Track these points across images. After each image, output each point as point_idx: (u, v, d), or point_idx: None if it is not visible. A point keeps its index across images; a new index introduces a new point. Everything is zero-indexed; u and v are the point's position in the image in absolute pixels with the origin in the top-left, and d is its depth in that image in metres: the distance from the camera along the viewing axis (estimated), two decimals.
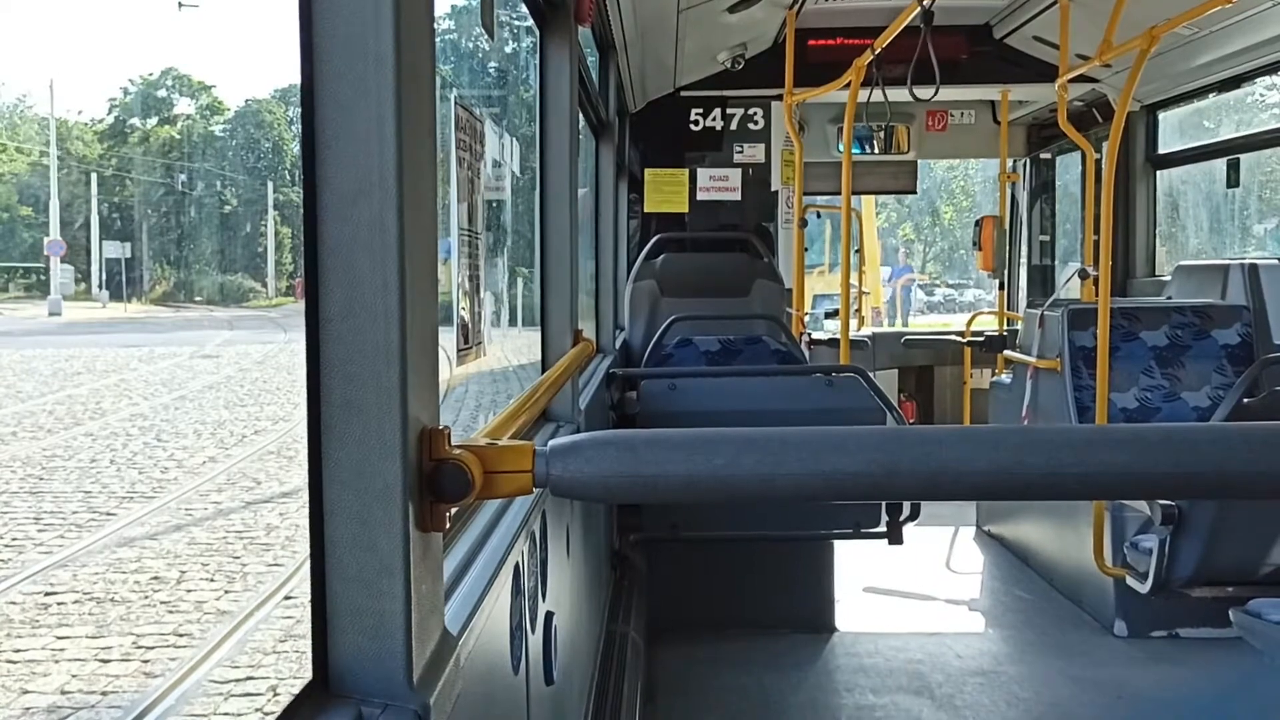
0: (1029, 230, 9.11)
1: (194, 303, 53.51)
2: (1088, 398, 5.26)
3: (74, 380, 20.65)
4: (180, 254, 57.81)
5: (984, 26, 7.14)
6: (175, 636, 6.81)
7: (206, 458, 12.80)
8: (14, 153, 55.80)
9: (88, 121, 59.30)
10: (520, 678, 1.91)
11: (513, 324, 13.96)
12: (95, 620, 7.11)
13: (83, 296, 50.83)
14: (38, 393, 18.80)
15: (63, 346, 27.92)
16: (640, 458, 1.18)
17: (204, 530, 9.42)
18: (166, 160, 57.31)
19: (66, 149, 55.47)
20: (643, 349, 6.03)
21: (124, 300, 50.55)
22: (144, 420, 15.68)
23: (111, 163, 57.14)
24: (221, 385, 20.13)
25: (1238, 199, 8.58)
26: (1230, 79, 6.17)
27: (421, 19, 1.17)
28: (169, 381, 20.56)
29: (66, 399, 17.89)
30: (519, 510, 2.02)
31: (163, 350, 27.03)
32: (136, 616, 7.18)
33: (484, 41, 8.30)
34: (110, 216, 55.87)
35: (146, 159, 57.70)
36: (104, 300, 50.35)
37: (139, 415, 16.14)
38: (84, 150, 56.94)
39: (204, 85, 60.68)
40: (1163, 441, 1.19)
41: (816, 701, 4.38)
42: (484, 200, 2.12)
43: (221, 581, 7.94)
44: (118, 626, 6.99)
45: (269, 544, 8.96)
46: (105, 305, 49.47)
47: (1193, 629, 4.93)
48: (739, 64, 7.36)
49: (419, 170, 1.14)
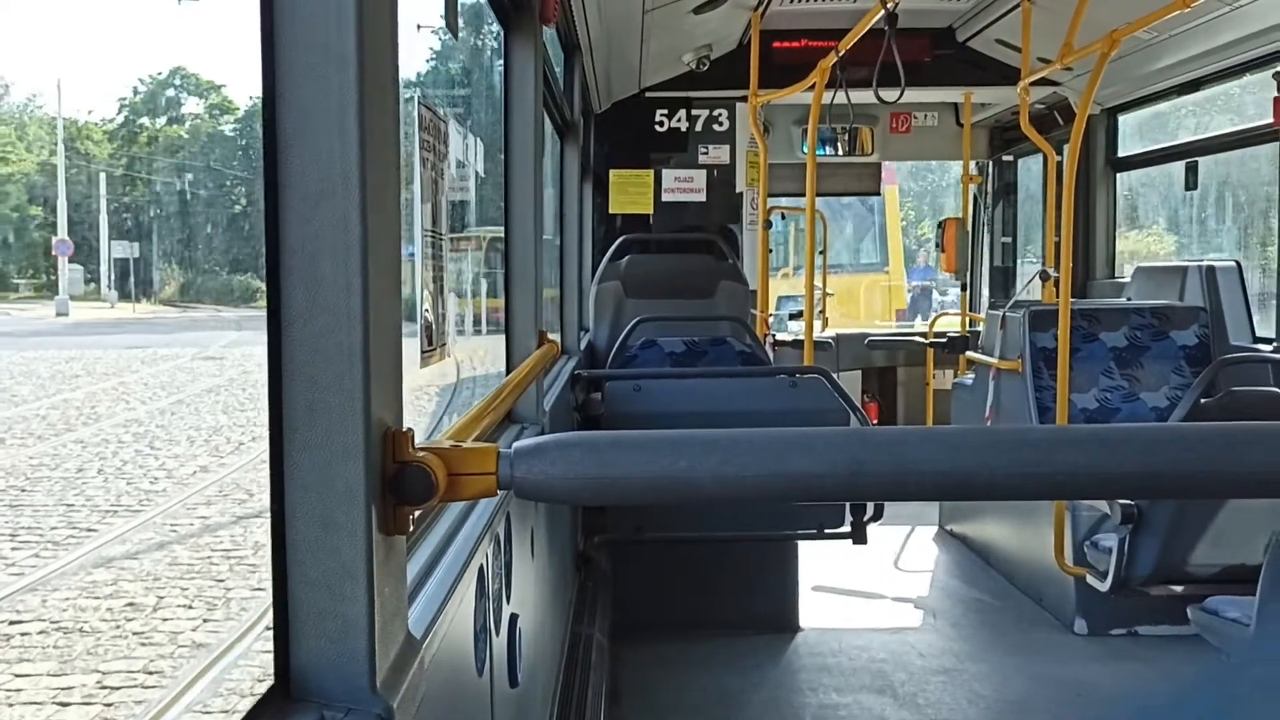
0: (991, 232, 9.19)
1: (201, 303, 52.98)
2: (1049, 398, 5.31)
3: (72, 383, 20.05)
4: (188, 254, 57.49)
5: (947, 30, 7.19)
6: (144, 675, 6.25)
7: (198, 467, 12.22)
8: (23, 152, 55.52)
9: (97, 121, 59.26)
10: (484, 680, 1.90)
11: (476, 329, 13.86)
12: (60, 655, 6.56)
13: (92, 296, 50.44)
14: (34, 396, 18.22)
15: (66, 348, 27.07)
16: (605, 459, 1.18)
17: (188, 549, 8.87)
18: (175, 160, 57.10)
19: (75, 148, 55.14)
20: (608, 350, 6.03)
21: (132, 300, 49.97)
22: (138, 426, 15.12)
23: (121, 162, 56.93)
24: (222, 389, 19.53)
25: (1195, 201, 8.69)
26: (1189, 82, 6.25)
27: (385, 18, 1.16)
28: (168, 384, 19.93)
29: (62, 403, 17.37)
30: (483, 512, 2.02)
31: (165, 352, 26.21)
32: (105, 650, 6.62)
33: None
34: (119, 216, 55.53)
35: (155, 158, 57.43)
36: (112, 300, 49.83)
37: (134, 420, 15.59)
38: (93, 150, 56.62)
39: (213, 84, 60.66)
40: (1123, 442, 1.21)
41: (780, 701, 4.40)
42: (448, 201, 2.12)
43: (201, 609, 7.42)
44: (83, 662, 6.45)
45: (255, 565, 8.37)
46: (114, 305, 48.97)
47: (1151, 627, 4.99)
48: (704, 65, 7.37)
49: (382, 171, 1.13)
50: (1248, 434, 1.20)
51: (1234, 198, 8.11)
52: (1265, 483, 1.24)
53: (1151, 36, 5.56)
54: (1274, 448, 1.18)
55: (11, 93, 67.32)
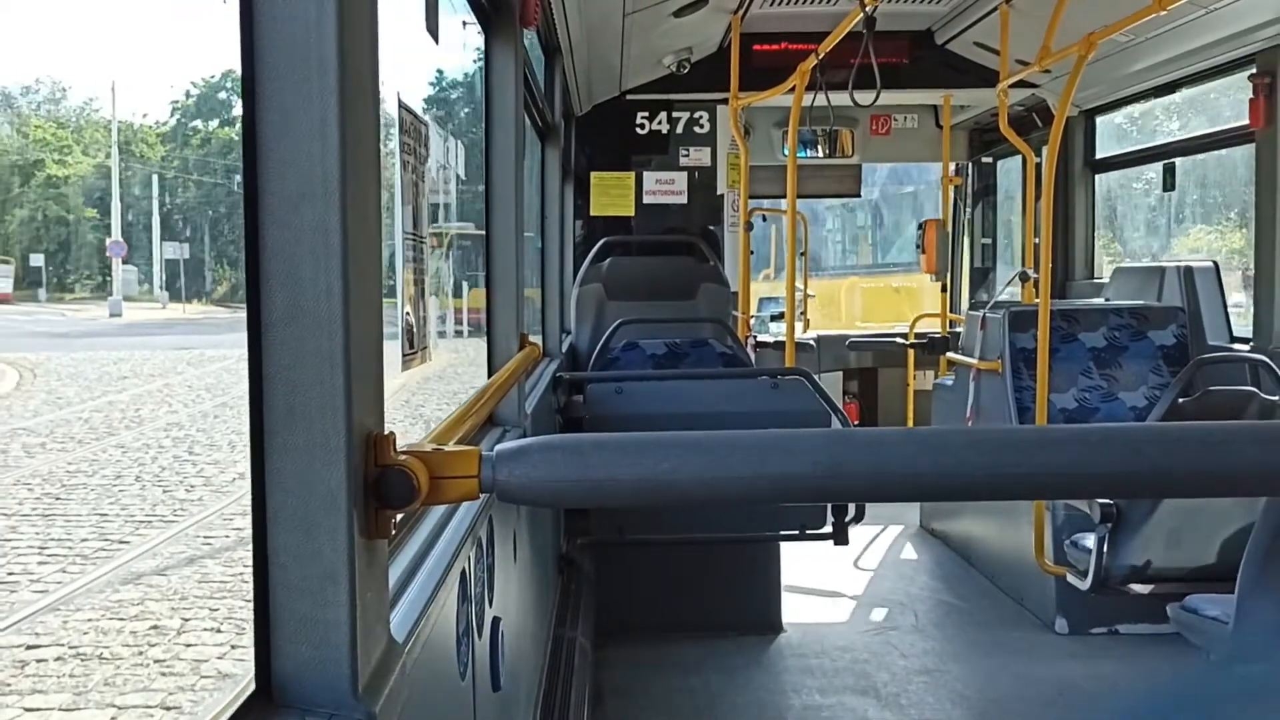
0: (971, 233, 9.23)
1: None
2: (1028, 398, 5.34)
3: (118, 385, 19.66)
4: (239, 255, 58.05)
5: (926, 32, 7.22)
6: (162, 711, 5.85)
7: (237, 474, 11.73)
8: (79, 155, 56.18)
9: (151, 124, 59.81)
10: (467, 684, 1.90)
11: (459, 331, 13.77)
12: (75, 685, 6.10)
13: (145, 297, 50.77)
14: (78, 399, 17.85)
15: (116, 349, 26.65)
16: (587, 462, 1.18)
17: (220, 563, 8.49)
18: (226, 162, 57.36)
19: (130, 151, 55.79)
20: (589, 352, 6.03)
21: (183, 301, 50.18)
22: (179, 430, 14.70)
23: (173, 164, 57.54)
24: None
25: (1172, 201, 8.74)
26: (1165, 84, 6.29)
27: (365, 21, 1.16)
28: (213, 387, 19.51)
29: (106, 406, 16.96)
30: (465, 515, 2.01)
31: (213, 353, 25.69)
32: (124, 681, 6.15)
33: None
34: (171, 218, 56.07)
35: (208, 160, 57.81)
36: (164, 301, 50.12)
37: (175, 424, 15.19)
38: (147, 152, 57.22)
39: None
40: (1102, 441, 1.21)
41: (764, 702, 4.40)
42: (429, 203, 2.11)
43: (229, 633, 7.00)
44: (98, 694, 6.00)
45: None
46: (165, 306, 49.22)
47: (1131, 625, 5.01)
48: (685, 68, 7.38)
49: (363, 174, 1.13)
50: (1225, 433, 1.20)
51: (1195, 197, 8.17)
52: (1243, 481, 1.25)
53: (1128, 39, 5.60)
54: (1251, 446, 1.19)
55: (69, 96, 68.64)
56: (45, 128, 57.88)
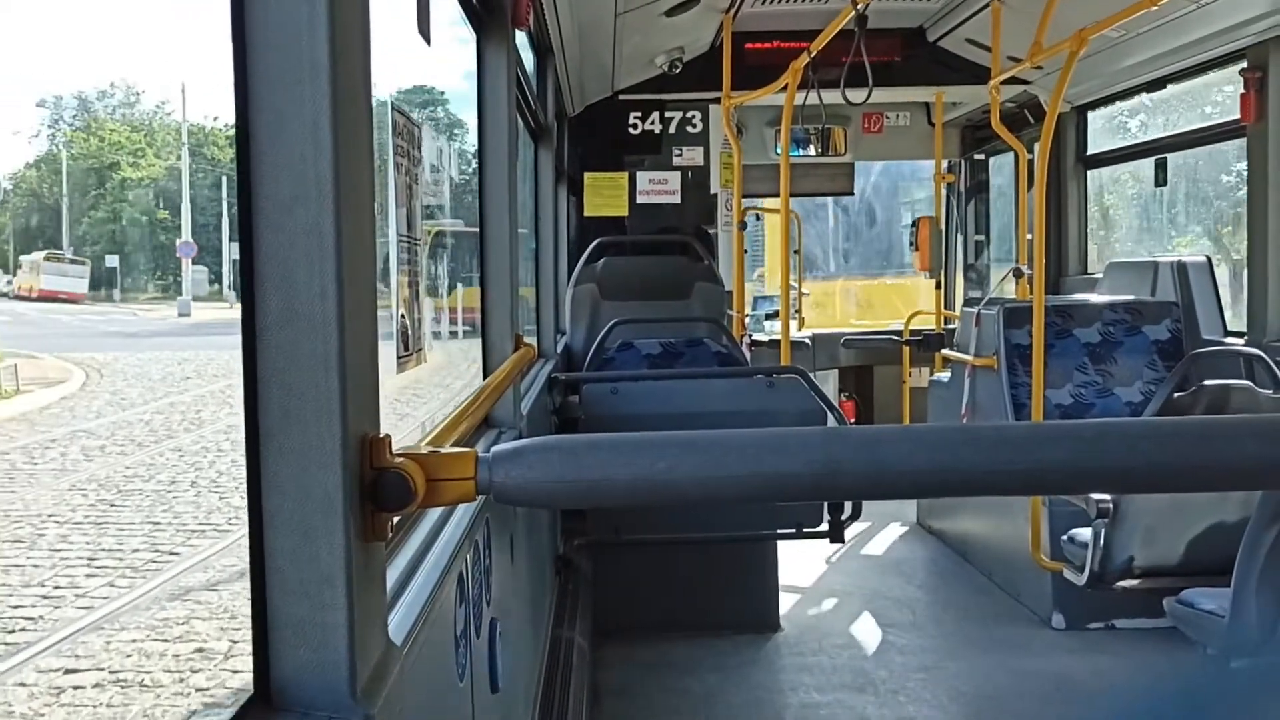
0: (964, 230, 9.24)
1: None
2: (1024, 395, 5.34)
3: (181, 386, 19.57)
4: None
5: (917, 30, 7.22)
6: None
7: None
8: (152, 158, 57.48)
9: (221, 126, 60.00)
10: (465, 686, 1.90)
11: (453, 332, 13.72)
12: (111, 716, 5.68)
13: (215, 297, 51.58)
14: (141, 400, 17.74)
15: (182, 349, 26.52)
16: (583, 462, 1.18)
17: None
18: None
19: (201, 154, 56.82)
20: (584, 353, 6.02)
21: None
22: (238, 432, 14.35)
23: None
24: None
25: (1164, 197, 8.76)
26: (1157, 80, 6.30)
27: (357, 23, 1.16)
28: None
29: (168, 407, 16.79)
30: (462, 517, 2.01)
31: None
32: (162, 713, 5.71)
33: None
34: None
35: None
36: (231, 301, 50.55)
37: (234, 426, 14.74)
38: (216, 154, 57.90)
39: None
40: (1098, 437, 1.21)
41: (762, 701, 4.40)
42: (422, 205, 2.11)
43: None
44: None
45: None
46: (232, 306, 49.77)
47: (1128, 620, 5.02)
48: (677, 67, 7.38)
49: (356, 176, 1.13)
50: (1221, 427, 1.21)
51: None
52: (1239, 475, 1.26)
53: (1120, 35, 5.60)
54: (1247, 440, 1.19)
55: (143, 100, 69.62)
56: (120, 131, 59.01)
